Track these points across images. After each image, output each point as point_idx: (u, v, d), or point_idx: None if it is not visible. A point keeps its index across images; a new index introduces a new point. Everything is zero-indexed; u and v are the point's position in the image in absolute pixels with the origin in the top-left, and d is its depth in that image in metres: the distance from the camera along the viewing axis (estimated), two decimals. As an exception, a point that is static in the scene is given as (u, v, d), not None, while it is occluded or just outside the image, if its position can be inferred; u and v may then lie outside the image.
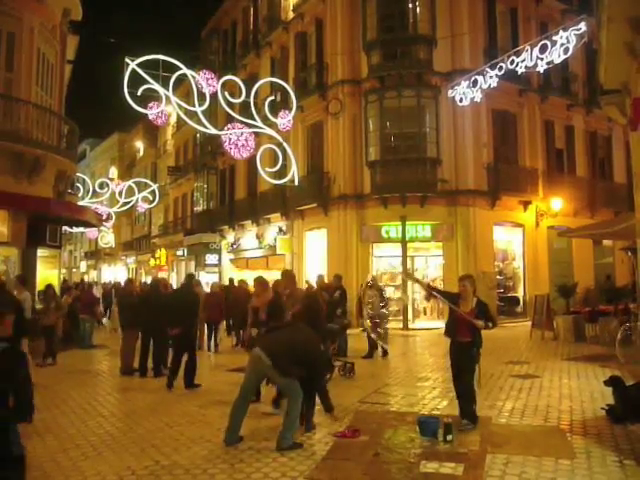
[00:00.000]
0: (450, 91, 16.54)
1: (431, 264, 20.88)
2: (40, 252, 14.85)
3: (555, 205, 20.95)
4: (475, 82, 15.36)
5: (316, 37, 22.33)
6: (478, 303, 6.85)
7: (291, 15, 23.95)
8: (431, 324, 18.93)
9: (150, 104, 17.80)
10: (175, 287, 19.89)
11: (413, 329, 18.54)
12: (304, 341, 6.34)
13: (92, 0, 16.66)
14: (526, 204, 20.79)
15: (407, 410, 7.65)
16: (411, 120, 19.57)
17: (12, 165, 13.42)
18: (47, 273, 15.78)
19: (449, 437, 6.02)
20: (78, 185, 26.81)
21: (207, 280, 23.67)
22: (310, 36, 22.91)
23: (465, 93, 15.92)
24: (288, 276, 9.02)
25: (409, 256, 19.75)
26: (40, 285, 13.97)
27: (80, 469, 5.48)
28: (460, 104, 16.19)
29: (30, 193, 13.76)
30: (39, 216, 13.98)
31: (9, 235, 13.49)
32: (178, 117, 26.34)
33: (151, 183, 32.78)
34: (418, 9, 19.96)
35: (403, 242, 19.25)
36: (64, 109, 17.56)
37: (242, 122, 18.35)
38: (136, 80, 16.88)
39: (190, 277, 12.07)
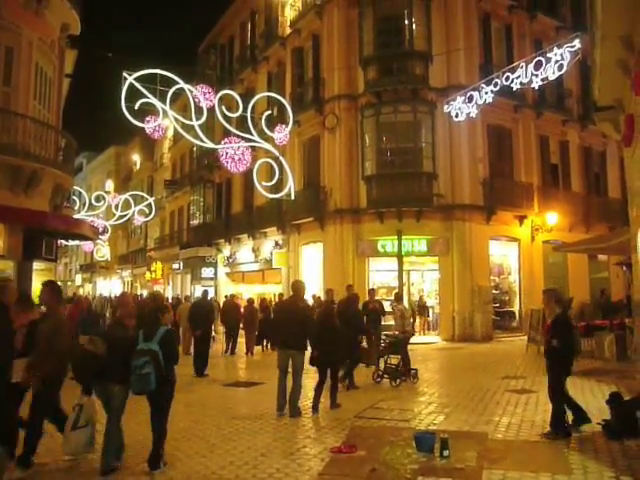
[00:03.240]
0: (446, 106, 16.63)
1: (427, 278, 20.92)
2: (36, 265, 14.78)
3: (550, 220, 21.04)
4: (471, 98, 15.45)
5: (313, 52, 22.53)
6: (554, 320, 7.34)
7: (288, 31, 24.16)
8: (425, 339, 18.94)
9: (147, 118, 17.87)
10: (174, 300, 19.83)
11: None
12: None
13: (90, 15, 16.77)
14: (521, 219, 20.87)
15: (403, 425, 7.62)
16: (407, 135, 19.71)
17: (9, 178, 13.38)
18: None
19: (445, 452, 6.00)
20: (74, 198, 26.80)
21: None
22: (307, 51, 23.11)
23: (461, 108, 16.01)
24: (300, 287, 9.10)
25: (405, 270, 19.77)
26: (36, 299, 13.88)
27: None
28: (456, 119, 16.27)
29: (27, 206, 13.70)
30: (35, 229, 13.92)
31: (5, 248, 13.42)
32: (175, 130, 26.49)
33: (147, 196, 32.77)
34: (414, 25, 20.15)
35: (399, 256, 19.27)
36: (61, 123, 17.58)
37: (239, 136, 18.42)
38: (134, 94, 16.97)
39: (205, 292, 15.31)
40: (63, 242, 22.91)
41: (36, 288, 14.07)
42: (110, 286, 48.75)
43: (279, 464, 5.99)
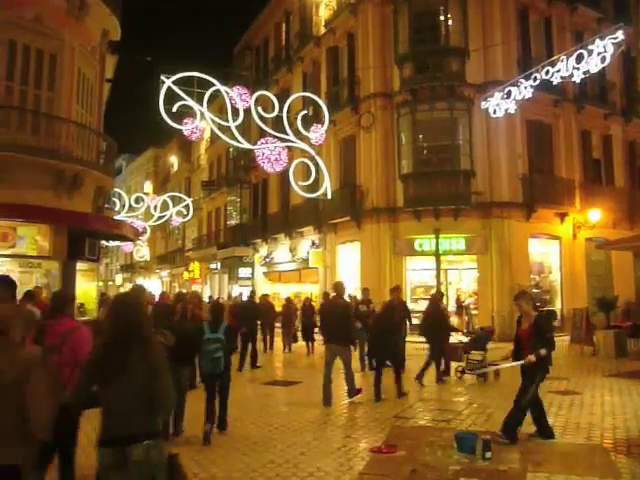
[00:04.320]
0: (483, 103, 16.39)
1: (465, 277, 20.63)
2: (79, 265, 15.15)
3: (593, 217, 20.49)
4: (509, 93, 15.18)
5: (348, 51, 22.49)
6: (535, 322, 6.75)
7: (323, 30, 24.18)
8: (463, 338, 18.63)
9: (185, 120, 18.16)
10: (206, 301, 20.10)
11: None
12: None
13: (130, 20, 17.12)
14: (563, 216, 20.39)
15: (444, 426, 7.53)
16: (444, 132, 19.50)
17: (53, 181, 13.79)
18: (85, 286, 16.08)
19: (488, 454, 5.90)
20: (115, 200, 27.38)
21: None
22: (342, 50, 23.08)
23: (499, 104, 15.74)
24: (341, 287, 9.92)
25: (443, 269, 19.55)
26: (79, 298, 14.26)
27: None
28: (494, 116, 16.03)
29: (70, 208, 14.11)
30: (79, 230, 14.31)
31: (51, 249, 13.84)
32: (212, 132, 26.80)
33: (185, 197, 33.22)
34: (450, 21, 19.94)
35: (437, 255, 19.08)
36: (102, 126, 18.01)
37: (275, 136, 18.55)
38: (172, 97, 17.26)
39: (252, 293, 16.60)
40: (104, 243, 23.47)
41: (80, 288, 14.49)
42: (150, 286, 49.63)
43: (320, 463, 5.99)
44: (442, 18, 19.98)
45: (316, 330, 16.20)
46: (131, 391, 3.12)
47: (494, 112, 15.65)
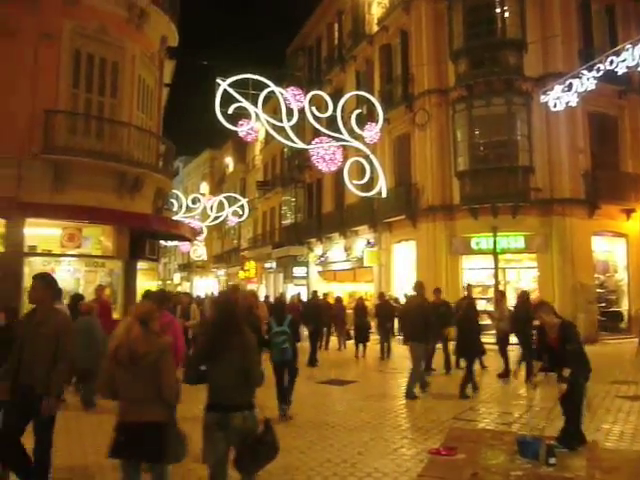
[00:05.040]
0: (543, 96, 15.89)
1: (524, 276, 20.04)
2: (140, 265, 15.67)
3: (662, 213, 19.51)
4: (570, 86, 14.66)
5: (401, 48, 22.28)
6: (561, 327, 6.33)
7: (375, 28, 24.05)
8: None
9: (240, 121, 18.45)
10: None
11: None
12: None
13: (186, 25, 17.55)
14: (629, 212, 19.50)
15: (504, 429, 7.36)
16: (501, 128, 19.02)
17: (116, 183, 14.31)
18: (146, 285, 16.59)
19: (552, 460, 5.71)
20: (173, 201, 28.11)
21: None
22: (395, 48, 22.88)
23: (559, 98, 15.22)
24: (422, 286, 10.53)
25: (500, 268, 19.06)
26: (140, 296, 14.72)
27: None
28: (554, 109, 15.52)
29: (131, 209, 14.61)
30: (139, 231, 14.81)
31: (114, 249, 14.38)
32: (266, 133, 27.13)
33: (240, 198, 33.78)
34: (507, 13, 19.43)
35: (494, 254, 18.61)
36: (161, 129, 18.53)
37: (329, 136, 18.59)
38: (227, 99, 17.58)
39: (315, 293, 17.14)
40: (163, 243, 24.13)
41: (141, 287, 14.96)
42: (206, 285, 50.66)
43: (377, 463, 5.97)
44: (498, 10, 19.49)
45: (371, 331, 16.18)
46: (231, 369, 4.02)
47: (554, 106, 15.16)
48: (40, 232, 13.65)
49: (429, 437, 7.02)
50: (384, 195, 20.38)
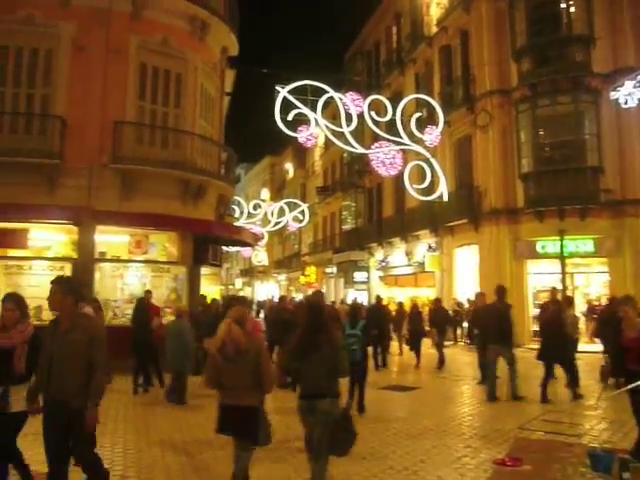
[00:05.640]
0: (612, 93, 15.22)
1: (594, 281, 19.23)
2: (203, 270, 16.03)
3: None
4: (643, 81, 13.98)
5: (461, 49, 21.93)
6: None
7: (434, 30, 23.77)
8: (593, 347, 17.36)
9: (300, 127, 18.63)
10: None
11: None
12: None
13: (245, 35, 17.90)
14: None
15: (574, 441, 7.05)
16: (568, 127, 18.34)
17: (180, 191, 14.73)
18: (209, 289, 16.97)
19: (626, 475, 5.40)
20: (234, 207, 28.66)
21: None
22: (455, 49, 22.53)
23: (631, 94, 14.52)
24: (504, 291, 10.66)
25: (568, 273, 18.31)
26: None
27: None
28: (625, 106, 14.82)
29: (195, 216, 14.99)
30: (203, 237, 15.17)
31: (178, 255, 14.79)
32: (326, 138, 27.29)
33: (301, 203, 34.05)
34: (572, 8, 18.76)
35: (562, 258, 17.89)
36: (223, 137, 18.95)
37: (389, 140, 18.48)
38: (287, 105, 17.80)
39: (379, 298, 16.53)
40: (225, 248, 24.66)
41: (204, 292, 15.31)
42: (268, 290, 51.35)
43: (440, 472, 5.85)
44: (563, 6, 18.85)
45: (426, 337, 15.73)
46: (320, 363, 4.75)
47: (625, 102, 14.47)
48: (109, 239, 14.23)
49: (493, 446, 6.82)
50: (445, 199, 20.06)
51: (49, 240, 13.99)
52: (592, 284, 19.29)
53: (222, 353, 4.57)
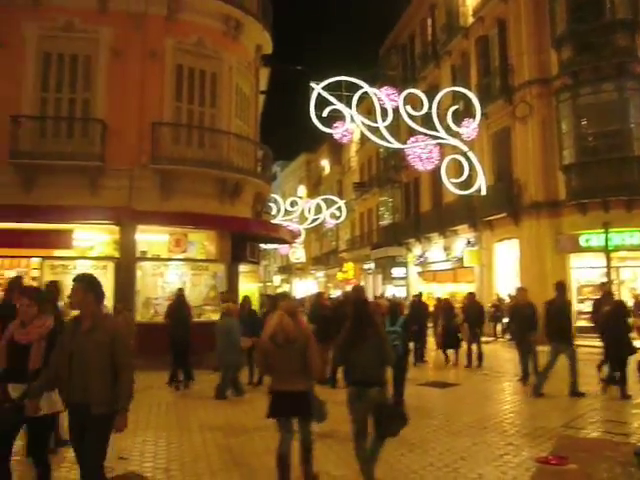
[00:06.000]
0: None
1: (642, 276, 18.61)
2: (241, 267, 16.18)
3: None
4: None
5: (498, 39, 21.45)
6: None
7: (471, 20, 23.34)
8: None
9: (335, 124, 18.60)
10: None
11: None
12: None
13: (279, 32, 17.95)
14: None
15: (621, 440, 6.83)
16: (612, 116, 17.76)
17: (217, 190, 14.90)
18: (247, 287, 17.12)
19: (677, 474, 5.22)
20: (271, 205, 28.82)
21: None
22: (492, 39, 22.06)
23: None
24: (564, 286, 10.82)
25: (613, 267, 17.76)
26: (240, 299, 15.19)
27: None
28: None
29: (232, 214, 15.14)
30: (240, 235, 15.32)
31: (217, 253, 14.98)
32: (361, 133, 27.17)
33: (337, 199, 34.04)
34: (615, -7, 18.14)
35: (606, 251, 17.38)
36: (259, 135, 19.06)
37: (425, 134, 18.29)
38: (322, 102, 17.79)
39: (419, 294, 16.71)
40: (263, 246, 24.82)
41: (242, 290, 15.45)
42: (306, 286, 51.52)
43: (481, 470, 5.75)
44: (606, -10, 18.25)
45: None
46: (369, 353, 5.16)
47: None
48: (150, 238, 14.51)
49: (536, 444, 6.67)
50: (483, 192, 19.75)
51: (92, 240, 14.36)
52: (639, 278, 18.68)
53: (274, 340, 5.08)
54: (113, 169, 13.64)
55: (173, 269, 14.65)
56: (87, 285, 4.23)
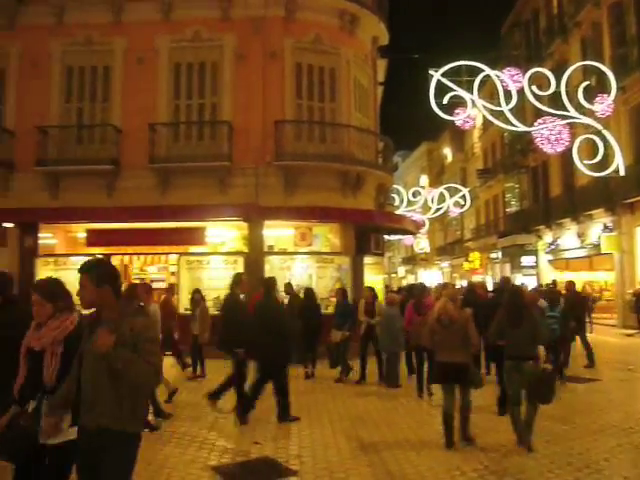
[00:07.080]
0: None
1: None
2: (366, 259, 16.30)
3: None
4: None
5: (635, 4, 19.57)
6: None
7: (603, -13, 21.54)
8: None
9: (456, 110, 18.10)
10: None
11: None
12: None
13: (394, 22, 17.78)
14: None
15: None
16: None
17: (339, 183, 15.13)
18: (372, 279, 17.22)
19: None
20: (394, 196, 28.67)
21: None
22: (627, 5, 20.15)
23: None
24: None
25: None
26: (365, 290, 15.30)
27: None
28: None
29: (355, 207, 15.30)
30: (364, 227, 15.46)
31: (341, 246, 15.24)
32: (484, 118, 26.21)
33: (461, 187, 33.12)
34: None
35: None
36: (378, 127, 19.05)
37: (553, 114, 17.22)
38: (441, 89, 17.39)
39: (554, 281, 16.54)
40: (386, 237, 24.77)
41: (367, 280, 15.57)
42: (431, 277, 50.71)
43: (627, 472, 5.39)
44: None
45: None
46: (523, 332, 6.20)
47: None
48: (276, 233, 15.12)
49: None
50: (622, 173, 18.20)
51: (223, 236, 15.29)
52: None
53: (439, 321, 6.33)
54: (240, 168, 14.39)
55: (299, 262, 15.12)
56: (98, 276, 3.13)
